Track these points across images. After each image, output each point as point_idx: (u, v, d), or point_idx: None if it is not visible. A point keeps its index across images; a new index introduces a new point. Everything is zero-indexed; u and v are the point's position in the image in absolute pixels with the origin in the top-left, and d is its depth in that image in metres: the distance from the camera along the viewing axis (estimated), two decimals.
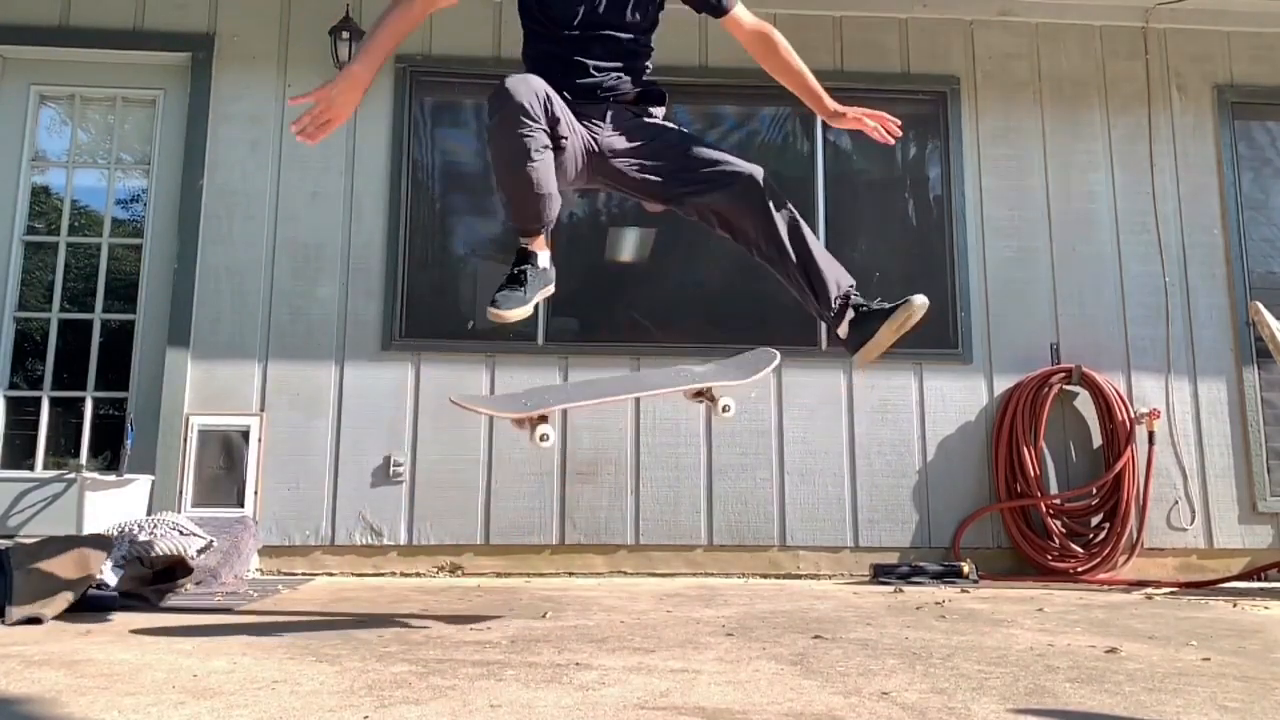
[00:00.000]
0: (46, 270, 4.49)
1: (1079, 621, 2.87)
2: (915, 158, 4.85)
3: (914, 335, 2.56)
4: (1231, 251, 4.67)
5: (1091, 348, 4.53)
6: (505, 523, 4.24)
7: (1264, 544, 4.44)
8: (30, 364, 4.42)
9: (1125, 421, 4.35)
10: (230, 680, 1.85)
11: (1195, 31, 4.83)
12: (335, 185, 4.43)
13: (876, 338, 2.52)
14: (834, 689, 1.83)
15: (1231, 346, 4.60)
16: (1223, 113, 4.78)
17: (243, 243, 4.36)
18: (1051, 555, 4.29)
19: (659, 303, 4.59)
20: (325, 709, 1.63)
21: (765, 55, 2.68)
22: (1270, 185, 4.79)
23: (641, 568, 4.26)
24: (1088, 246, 4.65)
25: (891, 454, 4.42)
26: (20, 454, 4.31)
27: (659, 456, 4.33)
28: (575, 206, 4.67)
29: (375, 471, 4.23)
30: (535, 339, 4.40)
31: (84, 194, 4.59)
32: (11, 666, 1.96)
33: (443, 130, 4.66)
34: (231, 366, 4.26)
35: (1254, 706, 1.74)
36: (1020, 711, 1.68)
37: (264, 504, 4.16)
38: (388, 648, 2.23)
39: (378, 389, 4.29)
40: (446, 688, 1.80)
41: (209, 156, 4.40)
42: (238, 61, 4.49)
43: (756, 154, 4.79)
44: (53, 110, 4.61)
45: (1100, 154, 4.73)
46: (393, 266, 4.38)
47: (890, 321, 2.49)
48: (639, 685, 1.84)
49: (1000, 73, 4.73)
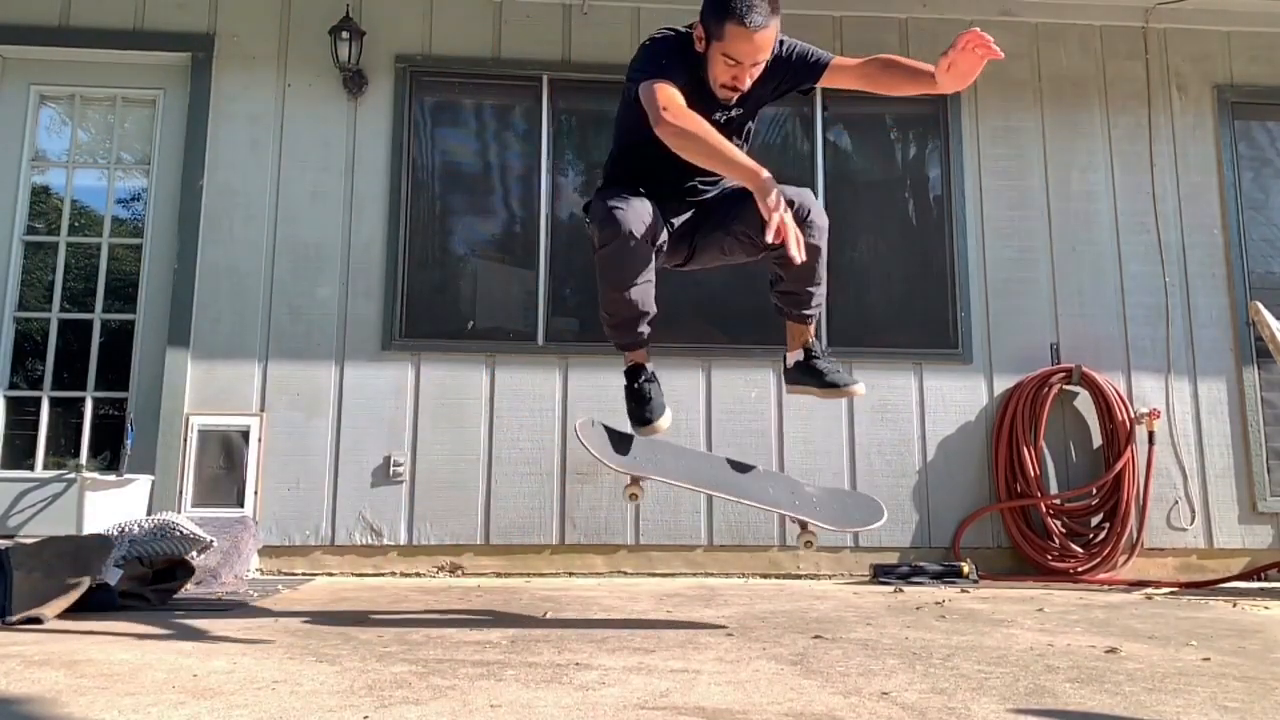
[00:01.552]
0: (46, 270, 4.49)
1: (1079, 621, 2.87)
2: (915, 158, 4.85)
3: (914, 335, 2.57)
4: (1231, 251, 4.67)
5: (1091, 348, 4.53)
6: (505, 523, 4.24)
7: (1264, 544, 4.44)
8: (30, 364, 4.42)
9: (1125, 421, 4.35)
10: (230, 680, 1.85)
11: (1195, 31, 4.83)
12: (335, 185, 4.43)
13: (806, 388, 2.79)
14: (834, 689, 1.83)
15: (1231, 346, 4.60)
16: (1223, 113, 4.78)
17: (243, 243, 4.36)
18: (1051, 555, 4.29)
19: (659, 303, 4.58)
20: (325, 709, 1.63)
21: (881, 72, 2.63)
22: (1270, 185, 4.79)
23: (641, 568, 4.26)
24: (1088, 246, 4.65)
25: (891, 454, 4.42)
26: (20, 454, 4.31)
27: None
28: (575, 205, 4.67)
29: (375, 471, 4.23)
30: (535, 339, 4.40)
31: (84, 194, 4.59)
32: (11, 666, 1.96)
33: (443, 130, 4.66)
34: (231, 366, 4.26)
35: (1254, 706, 1.74)
36: (1020, 711, 1.68)
37: (264, 504, 4.16)
38: (388, 648, 2.23)
39: (378, 389, 4.29)
40: (446, 688, 1.80)
41: (209, 156, 4.40)
42: (238, 61, 4.49)
43: (756, 154, 4.77)
44: (53, 110, 4.61)
45: (1100, 154, 4.73)
46: (393, 266, 4.38)
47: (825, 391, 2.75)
48: (639, 685, 1.84)
49: (1000, 73, 4.72)
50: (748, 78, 2.48)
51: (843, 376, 2.73)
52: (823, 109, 4.64)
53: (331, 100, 4.48)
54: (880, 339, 4.51)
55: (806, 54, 2.62)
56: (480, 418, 4.30)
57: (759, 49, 2.43)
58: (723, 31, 2.40)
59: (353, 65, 4.41)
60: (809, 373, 2.76)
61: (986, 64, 2.51)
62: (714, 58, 2.46)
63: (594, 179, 4.69)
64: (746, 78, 2.48)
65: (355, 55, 4.41)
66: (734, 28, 2.38)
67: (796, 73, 2.62)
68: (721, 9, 2.40)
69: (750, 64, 2.45)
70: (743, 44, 2.40)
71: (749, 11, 2.37)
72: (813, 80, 2.65)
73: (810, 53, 2.62)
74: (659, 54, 2.49)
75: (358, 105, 4.49)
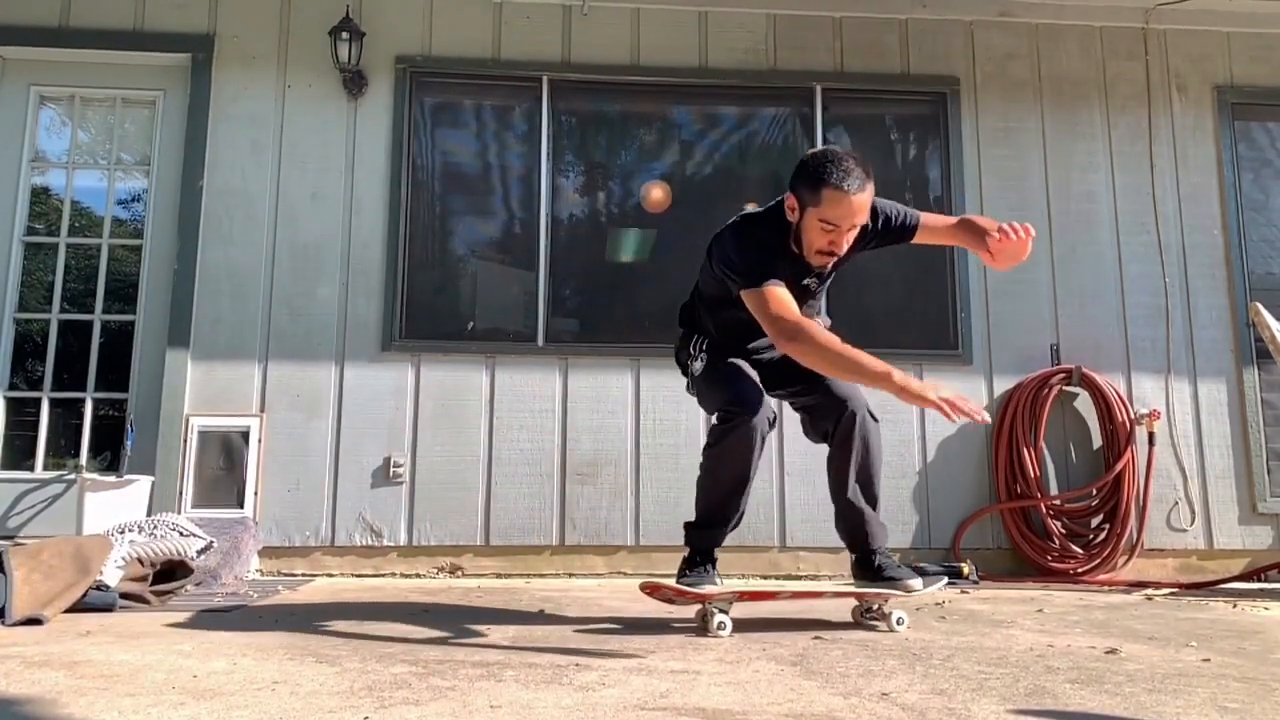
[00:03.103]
0: (46, 271, 4.49)
1: (1079, 622, 2.87)
2: (915, 158, 4.85)
3: (914, 336, 2.58)
4: (1231, 252, 4.67)
5: (1091, 348, 4.53)
6: (505, 523, 4.24)
7: (1264, 545, 4.44)
8: (30, 365, 4.42)
9: (1125, 422, 4.35)
10: (230, 681, 1.85)
11: (1195, 31, 4.83)
12: (335, 185, 4.43)
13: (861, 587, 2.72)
14: (834, 690, 1.83)
15: (1231, 347, 4.60)
16: (1223, 113, 4.78)
17: (243, 243, 4.36)
18: (1051, 556, 4.28)
19: (659, 303, 4.58)
20: (325, 710, 1.63)
21: (961, 229, 2.72)
22: (1270, 185, 4.79)
23: (642, 568, 4.26)
24: (1088, 246, 4.65)
25: (891, 454, 4.40)
26: (20, 455, 4.31)
27: (659, 457, 4.33)
28: (575, 206, 4.67)
29: (375, 472, 4.23)
30: (535, 339, 4.40)
31: (84, 194, 4.59)
32: (12, 667, 1.96)
33: (443, 131, 4.66)
34: (231, 367, 4.26)
35: (1254, 707, 1.74)
36: (1020, 712, 1.68)
37: (264, 505, 4.16)
38: (388, 648, 2.23)
39: (378, 389, 4.29)
40: (446, 688, 1.80)
41: (209, 157, 4.40)
42: (238, 61, 4.49)
43: (756, 154, 4.80)
44: (53, 111, 4.61)
45: (1100, 154, 4.73)
46: (393, 267, 4.38)
47: (885, 588, 2.66)
48: (639, 685, 1.84)
49: (1000, 73, 4.73)
50: (845, 242, 2.51)
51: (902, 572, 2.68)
52: (823, 109, 4.64)
53: (331, 101, 4.48)
54: (880, 340, 4.49)
55: (896, 218, 2.67)
56: (480, 418, 4.30)
57: (856, 211, 2.46)
58: (819, 197, 2.43)
59: (353, 66, 4.41)
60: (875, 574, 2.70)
61: (986, 64, 2.53)
62: (809, 224, 2.49)
63: (594, 179, 4.70)
64: (844, 242, 2.51)
65: (355, 56, 4.41)
66: (831, 192, 2.42)
67: (885, 235, 2.68)
68: (816, 176, 2.44)
69: (848, 227, 2.48)
70: (840, 208, 2.43)
71: (845, 176, 2.41)
72: (904, 241, 2.72)
73: (900, 216, 2.69)
74: (753, 247, 2.52)
75: (357, 106, 4.49)
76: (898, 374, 2.25)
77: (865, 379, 2.36)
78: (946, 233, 2.74)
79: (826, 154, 2.49)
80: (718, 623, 2.50)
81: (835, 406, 2.64)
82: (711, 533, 2.72)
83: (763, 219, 2.62)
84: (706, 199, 4.67)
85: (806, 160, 2.52)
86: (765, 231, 2.58)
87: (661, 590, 2.65)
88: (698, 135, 4.76)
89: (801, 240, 2.54)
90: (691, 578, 2.66)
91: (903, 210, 2.71)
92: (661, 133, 4.74)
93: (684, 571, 2.71)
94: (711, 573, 2.70)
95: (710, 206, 4.65)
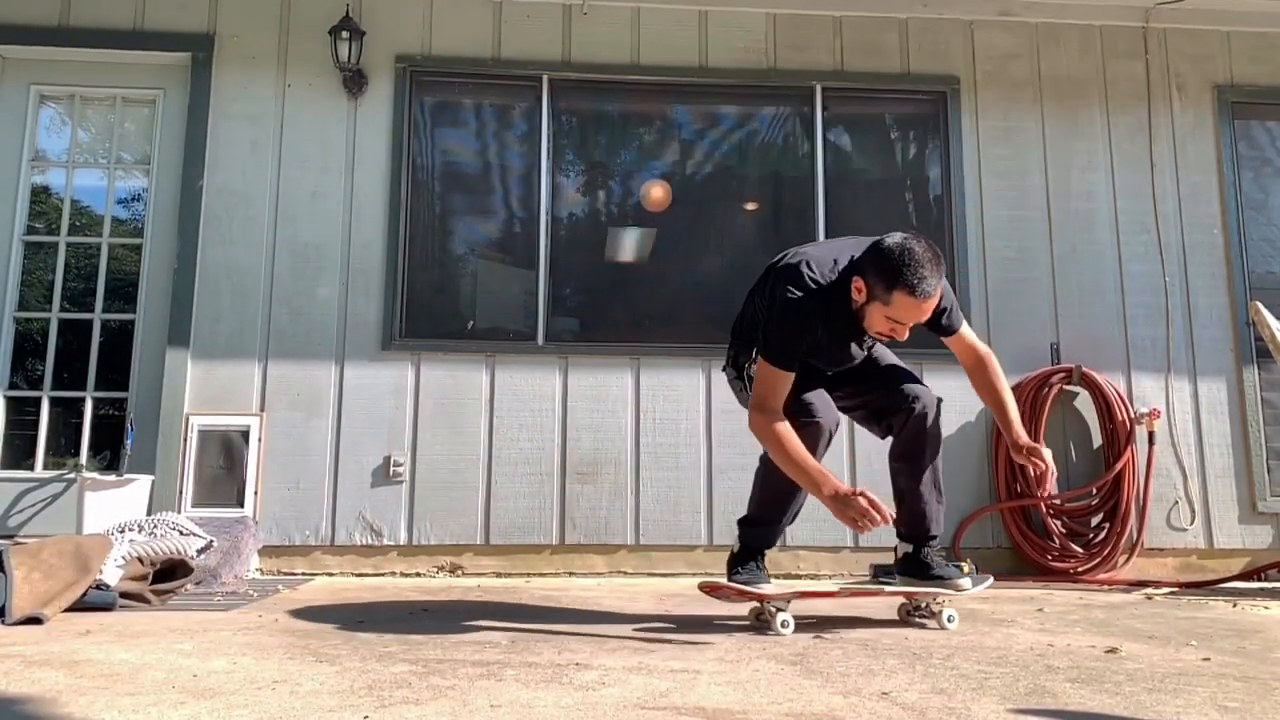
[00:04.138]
0: (46, 270, 4.49)
1: (1079, 621, 2.87)
2: (915, 157, 4.85)
3: (915, 336, 2.58)
4: (1231, 251, 4.66)
5: (1091, 347, 4.53)
6: (505, 523, 4.24)
7: (1264, 544, 4.44)
8: (30, 364, 4.42)
9: (1125, 421, 4.35)
10: (230, 680, 1.85)
11: (1195, 31, 4.83)
12: (335, 185, 4.42)
13: (904, 586, 2.76)
14: (834, 689, 1.83)
15: (1231, 346, 4.60)
16: (1223, 112, 4.78)
17: (243, 242, 4.36)
18: (1051, 555, 4.28)
19: (659, 303, 4.59)
20: (325, 709, 1.63)
21: (977, 373, 2.79)
22: (1270, 185, 4.79)
23: (642, 568, 4.26)
24: (1088, 246, 4.65)
25: None
26: (20, 454, 4.31)
27: (659, 456, 4.33)
28: (575, 205, 4.67)
29: (375, 471, 4.23)
30: (535, 339, 4.40)
31: (84, 194, 4.58)
32: (12, 666, 1.96)
33: (443, 130, 4.66)
34: (231, 366, 4.26)
35: (1254, 707, 1.74)
36: (1020, 711, 1.68)
37: (264, 504, 4.16)
38: (388, 648, 2.23)
39: (377, 389, 4.29)
40: (446, 688, 1.80)
41: (209, 156, 4.40)
42: (238, 61, 4.48)
43: (756, 154, 4.79)
44: (53, 110, 4.61)
45: (1100, 154, 4.72)
46: (393, 266, 4.38)
47: (936, 587, 2.71)
48: (639, 685, 1.84)
49: (1000, 73, 4.73)
50: (906, 332, 2.51)
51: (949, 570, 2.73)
52: (823, 108, 4.64)
53: (331, 100, 4.48)
54: None
55: (946, 314, 2.69)
56: (480, 418, 4.30)
57: (925, 314, 2.48)
58: (890, 297, 2.42)
59: (353, 65, 4.41)
60: (920, 570, 2.74)
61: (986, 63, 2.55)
62: (873, 314, 2.49)
63: (594, 178, 4.70)
64: (905, 332, 2.51)
65: (355, 55, 4.41)
66: (903, 297, 2.41)
67: (933, 324, 2.68)
68: (892, 277, 2.40)
69: (912, 324, 2.48)
70: (910, 312, 2.44)
71: (920, 282, 2.39)
72: (938, 335, 2.76)
73: (950, 313, 2.71)
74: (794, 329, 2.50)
75: (358, 105, 4.49)
76: (828, 490, 2.36)
77: (805, 484, 2.48)
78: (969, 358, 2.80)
79: (905, 253, 2.39)
80: (781, 621, 2.54)
81: (904, 402, 2.69)
82: (763, 530, 2.76)
83: (822, 295, 2.51)
84: (706, 198, 4.67)
85: (884, 252, 2.43)
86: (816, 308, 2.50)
87: (722, 590, 2.69)
88: (698, 134, 4.76)
89: (863, 317, 2.53)
90: (745, 576, 2.70)
91: (956, 308, 2.73)
92: (661, 132, 4.74)
93: (735, 569, 2.74)
94: (763, 571, 2.74)
95: (710, 206, 4.65)
